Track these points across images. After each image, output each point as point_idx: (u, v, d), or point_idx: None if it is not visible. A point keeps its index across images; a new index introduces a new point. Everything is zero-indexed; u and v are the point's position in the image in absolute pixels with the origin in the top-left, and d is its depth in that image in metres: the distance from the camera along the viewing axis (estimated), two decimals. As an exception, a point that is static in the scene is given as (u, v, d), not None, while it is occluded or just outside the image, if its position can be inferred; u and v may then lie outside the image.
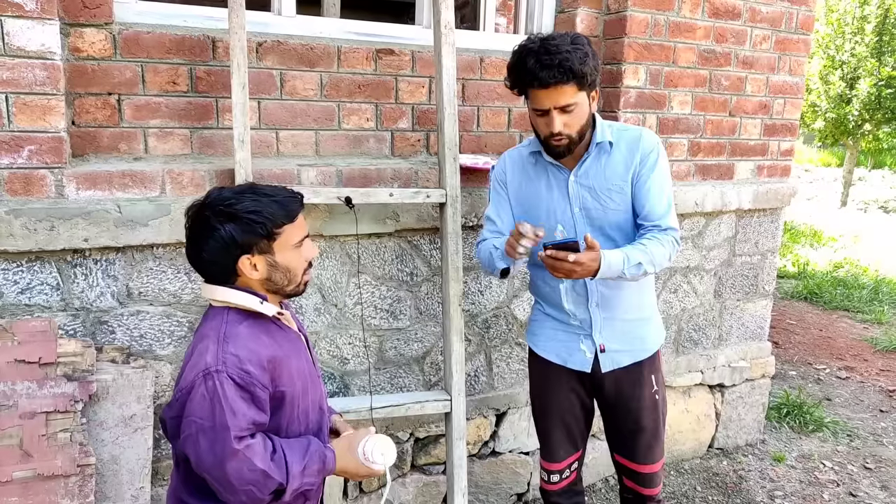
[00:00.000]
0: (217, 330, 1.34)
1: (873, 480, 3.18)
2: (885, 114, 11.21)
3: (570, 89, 1.70)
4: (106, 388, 1.88)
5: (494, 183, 2.00)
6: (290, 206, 1.38)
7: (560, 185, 1.88)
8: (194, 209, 1.38)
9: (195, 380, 1.29)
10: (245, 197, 1.35)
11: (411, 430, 2.55)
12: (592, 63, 1.72)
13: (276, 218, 1.35)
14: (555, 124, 1.72)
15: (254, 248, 1.35)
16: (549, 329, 2.01)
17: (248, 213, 1.32)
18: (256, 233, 1.33)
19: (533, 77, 1.69)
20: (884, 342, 5.01)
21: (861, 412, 3.95)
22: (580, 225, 1.87)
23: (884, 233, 9.76)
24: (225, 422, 1.27)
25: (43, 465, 1.75)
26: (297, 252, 1.41)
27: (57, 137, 1.83)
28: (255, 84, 2.11)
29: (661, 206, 1.83)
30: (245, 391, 1.30)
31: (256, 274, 1.37)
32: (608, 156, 1.84)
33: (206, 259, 1.36)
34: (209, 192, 1.39)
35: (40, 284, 1.88)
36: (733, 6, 2.82)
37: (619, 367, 1.94)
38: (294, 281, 1.42)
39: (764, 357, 3.40)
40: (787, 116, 3.15)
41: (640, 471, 2.04)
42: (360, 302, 2.36)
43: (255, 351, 1.33)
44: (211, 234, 1.33)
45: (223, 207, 1.33)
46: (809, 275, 6.87)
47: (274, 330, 1.41)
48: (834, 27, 11.49)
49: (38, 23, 1.75)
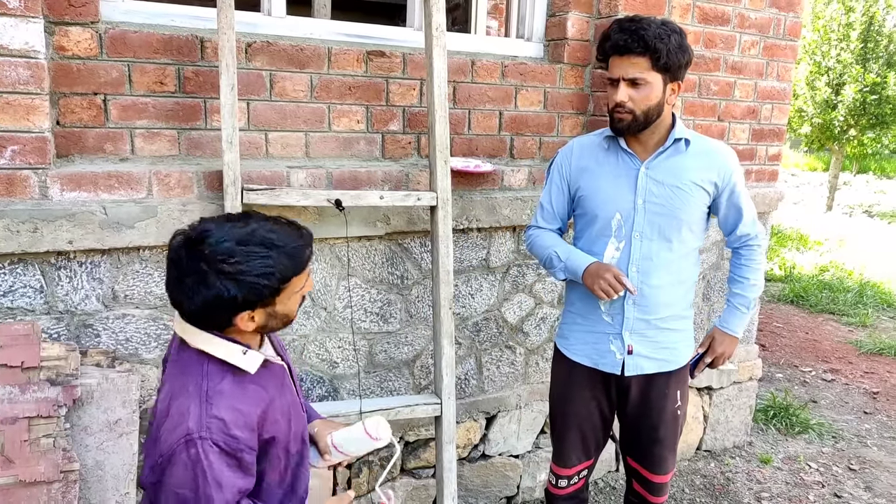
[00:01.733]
0: (199, 386, 1.20)
1: (857, 481, 3.21)
2: (870, 119, 11.33)
3: (642, 62, 1.72)
4: (90, 392, 1.84)
5: (555, 167, 2.01)
6: (301, 256, 1.23)
7: (629, 175, 1.87)
8: (185, 252, 1.18)
9: (177, 446, 1.16)
10: (252, 253, 1.16)
11: (401, 433, 2.54)
12: (674, 48, 1.72)
13: (286, 273, 1.20)
14: (619, 93, 1.76)
15: (257, 305, 1.21)
16: (579, 332, 1.99)
17: (257, 277, 1.16)
18: (263, 295, 1.19)
19: (608, 39, 1.76)
20: (868, 345, 5.07)
21: (846, 414, 3.99)
22: (640, 217, 1.85)
23: (868, 237, 9.88)
24: (210, 494, 1.16)
25: (25, 472, 1.72)
26: (297, 296, 1.28)
27: (41, 138, 1.80)
28: (244, 85, 2.09)
29: (749, 222, 1.96)
30: (232, 458, 1.19)
31: (252, 325, 1.23)
32: (683, 155, 1.86)
33: (197, 311, 1.19)
34: (203, 233, 1.18)
35: (23, 287, 1.85)
36: (722, 12, 2.84)
37: (641, 373, 1.93)
38: (288, 322, 1.30)
39: (751, 360, 3.43)
40: (775, 121, 3.17)
41: (652, 479, 2.04)
42: (349, 305, 2.35)
43: (242, 411, 1.21)
44: (208, 291, 1.16)
45: (227, 266, 1.15)
46: (796, 278, 6.94)
47: (258, 373, 1.28)
48: (820, 34, 11.62)
49: (21, 21, 1.72)
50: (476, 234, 2.55)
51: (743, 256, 2.00)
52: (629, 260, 1.87)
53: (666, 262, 1.88)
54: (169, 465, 1.17)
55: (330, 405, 2.20)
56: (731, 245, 2.03)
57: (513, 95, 2.56)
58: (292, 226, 1.26)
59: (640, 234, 1.86)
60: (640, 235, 1.86)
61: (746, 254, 2.00)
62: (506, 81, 2.53)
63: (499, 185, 2.55)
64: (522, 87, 2.57)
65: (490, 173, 2.50)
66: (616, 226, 1.87)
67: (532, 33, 2.70)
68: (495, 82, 2.51)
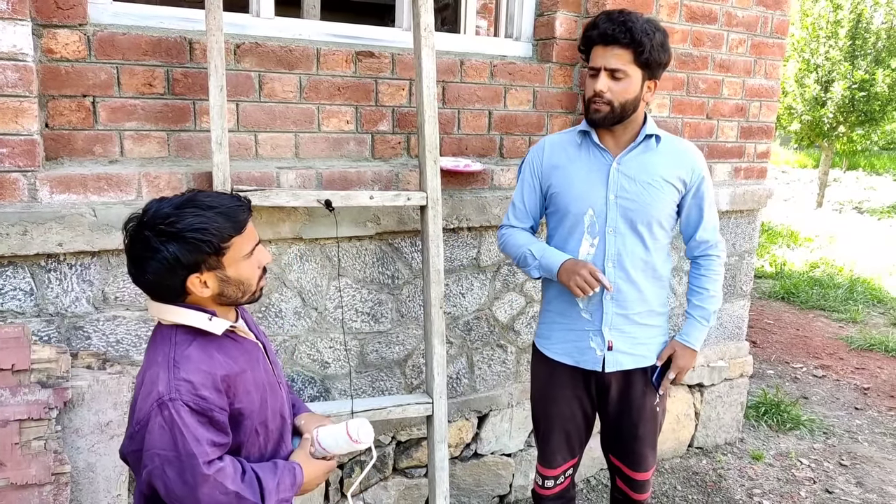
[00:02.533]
0: (167, 355, 1.28)
1: (849, 477, 3.24)
2: (859, 116, 11.42)
3: (625, 54, 1.75)
4: (81, 394, 1.84)
5: (526, 166, 2.02)
6: (237, 216, 1.29)
7: (601, 170, 1.88)
8: (132, 227, 1.28)
9: (150, 411, 1.23)
10: (186, 213, 1.25)
11: (393, 433, 2.55)
12: (657, 45, 1.76)
13: (223, 231, 1.26)
14: (599, 82, 1.78)
15: (202, 266, 1.27)
16: (559, 330, 2.00)
17: (192, 232, 1.23)
18: (203, 251, 1.25)
19: (595, 28, 1.79)
20: (858, 341, 5.11)
21: (837, 410, 4.02)
22: (612, 213, 1.87)
23: (858, 233, 9.95)
24: (190, 450, 1.23)
25: (16, 474, 1.71)
26: (249, 261, 1.33)
27: (30, 140, 1.80)
28: (233, 86, 2.09)
29: (710, 228, 1.97)
30: (202, 416, 1.25)
31: (207, 291, 1.29)
32: (653, 152, 1.88)
33: (151, 280, 1.27)
34: (146, 207, 1.29)
35: (13, 290, 1.85)
36: (710, 10, 2.86)
37: (621, 370, 1.95)
38: (248, 291, 1.35)
39: (742, 356, 3.45)
40: (763, 119, 3.20)
41: (634, 477, 2.06)
42: (340, 305, 2.35)
43: (209, 373, 1.27)
44: (153, 256, 1.24)
45: (164, 226, 1.23)
46: (786, 275, 6.99)
47: (227, 344, 1.35)
48: (809, 31, 11.69)
49: (9, 23, 1.72)
50: (466, 234, 2.56)
51: (702, 267, 1.99)
52: (605, 256, 1.89)
53: (641, 258, 1.90)
54: (146, 430, 1.24)
55: (321, 405, 2.20)
56: (691, 253, 2.02)
57: (502, 95, 2.57)
58: (233, 196, 1.34)
59: (613, 230, 1.88)
60: (614, 231, 1.88)
61: (706, 264, 1.99)
62: (495, 81, 2.54)
63: (489, 184, 2.56)
64: (511, 87, 2.58)
65: (480, 173, 2.51)
66: (589, 222, 1.89)
67: (521, 33, 2.71)
68: (484, 82, 2.52)
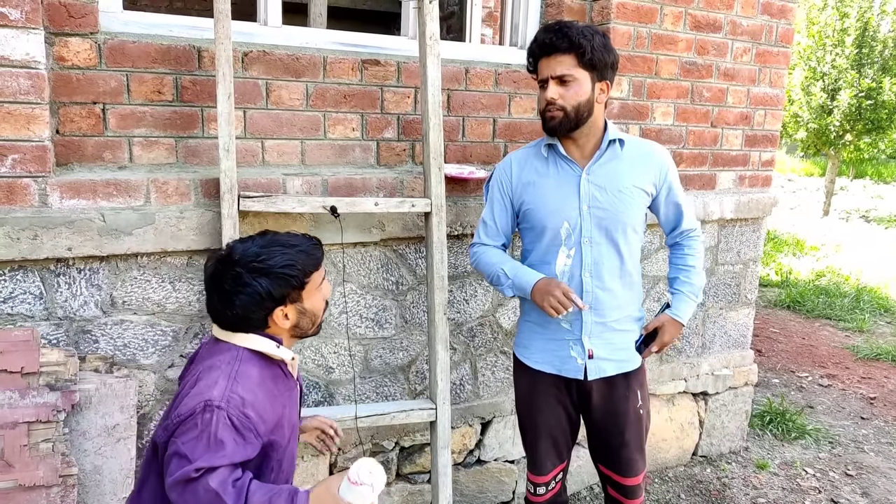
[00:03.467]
0: (230, 365, 1.37)
1: (854, 487, 3.22)
2: (866, 124, 11.39)
3: (568, 59, 1.78)
4: (89, 397, 1.86)
5: (494, 184, 2.03)
6: (316, 253, 1.46)
7: (571, 182, 1.90)
8: (221, 266, 1.40)
9: (196, 407, 1.30)
10: (274, 251, 1.40)
11: (396, 438, 2.56)
12: (598, 45, 1.78)
13: (307, 267, 1.42)
14: (549, 91, 1.81)
15: (286, 300, 1.41)
16: (539, 340, 2.01)
17: (282, 268, 1.38)
18: (291, 285, 1.40)
19: (535, 41, 1.83)
20: (865, 350, 5.08)
21: (843, 419, 4.00)
22: (586, 223, 1.89)
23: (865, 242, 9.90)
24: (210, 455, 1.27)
25: (24, 476, 1.73)
26: (319, 294, 1.48)
27: (41, 146, 1.82)
28: (241, 94, 2.11)
29: (690, 217, 2.02)
30: (239, 434, 1.31)
31: (287, 322, 1.43)
32: (619, 160, 1.91)
33: (239, 314, 1.39)
34: (232, 248, 1.42)
35: (23, 294, 1.87)
36: (714, 19, 2.87)
37: (602, 377, 1.96)
38: (316, 322, 1.50)
39: (747, 365, 3.44)
40: (768, 127, 3.20)
41: (625, 483, 2.06)
42: (345, 311, 2.37)
43: (259, 398, 1.36)
44: (244, 290, 1.36)
45: (257, 264, 1.37)
46: (792, 283, 6.96)
47: (279, 377, 1.46)
48: (815, 39, 11.68)
49: (22, 32, 1.75)
50: (470, 240, 2.56)
51: (686, 247, 2.03)
52: (581, 265, 1.90)
53: (616, 265, 1.92)
54: (183, 424, 1.30)
55: (326, 410, 2.22)
56: (672, 241, 2.07)
57: (506, 103, 2.59)
58: (304, 234, 1.50)
59: (588, 240, 1.89)
60: (590, 241, 1.89)
61: (689, 244, 2.03)
62: (499, 89, 2.56)
63: (493, 191, 2.58)
64: (516, 95, 2.60)
65: (484, 180, 2.53)
66: (565, 234, 1.90)
67: (525, 41, 2.73)
68: (489, 90, 2.54)
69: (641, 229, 1.97)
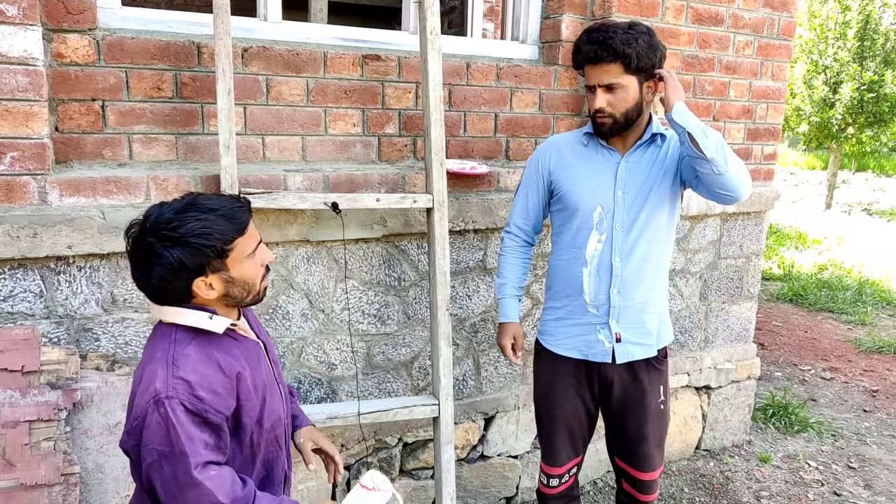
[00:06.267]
0: (166, 351, 1.28)
1: (857, 479, 3.22)
2: (868, 117, 11.35)
3: (614, 68, 1.77)
4: (90, 396, 1.86)
5: (531, 165, 2.05)
6: (239, 217, 1.30)
7: (609, 168, 1.91)
8: (135, 233, 1.28)
9: (147, 407, 1.24)
10: (188, 217, 1.25)
11: (399, 434, 2.55)
12: (643, 49, 1.75)
13: (226, 234, 1.27)
14: (596, 101, 1.81)
15: (206, 270, 1.27)
16: (564, 326, 2.01)
17: (195, 236, 1.24)
18: (207, 254, 1.25)
19: (579, 51, 1.82)
20: (867, 343, 5.07)
21: (845, 412, 4.00)
22: (619, 209, 1.89)
23: (867, 235, 9.89)
24: (183, 448, 1.23)
25: (26, 475, 1.73)
26: (252, 261, 1.33)
27: (40, 144, 1.82)
28: (241, 90, 2.10)
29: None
30: (197, 416, 1.25)
31: (213, 293, 1.30)
32: (659, 150, 1.91)
33: (156, 285, 1.27)
34: (148, 213, 1.28)
35: (23, 292, 1.86)
36: (716, 12, 2.85)
37: (630, 361, 1.96)
38: (253, 291, 1.36)
39: (749, 359, 3.44)
40: (770, 121, 3.19)
41: (640, 477, 2.05)
42: (347, 307, 2.36)
43: (206, 374, 1.28)
44: (158, 261, 1.24)
45: (167, 232, 1.24)
46: (795, 277, 6.95)
47: (228, 343, 1.35)
48: (817, 32, 11.64)
49: (20, 28, 1.74)
50: (472, 236, 2.56)
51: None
52: (612, 250, 1.91)
53: (646, 251, 1.92)
54: (144, 426, 1.24)
55: (328, 407, 2.21)
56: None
57: (508, 97, 2.57)
58: (232, 197, 1.35)
59: (620, 226, 1.90)
60: (622, 227, 1.90)
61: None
62: (501, 84, 2.55)
63: (495, 186, 2.57)
64: (518, 89, 2.58)
65: (486, 175, 2.52)
66: (598, 218, 1.91)
67: (527, 35, 2.71)
68: (490, 84, 2.53)
69: (676, 215, 1.98)
